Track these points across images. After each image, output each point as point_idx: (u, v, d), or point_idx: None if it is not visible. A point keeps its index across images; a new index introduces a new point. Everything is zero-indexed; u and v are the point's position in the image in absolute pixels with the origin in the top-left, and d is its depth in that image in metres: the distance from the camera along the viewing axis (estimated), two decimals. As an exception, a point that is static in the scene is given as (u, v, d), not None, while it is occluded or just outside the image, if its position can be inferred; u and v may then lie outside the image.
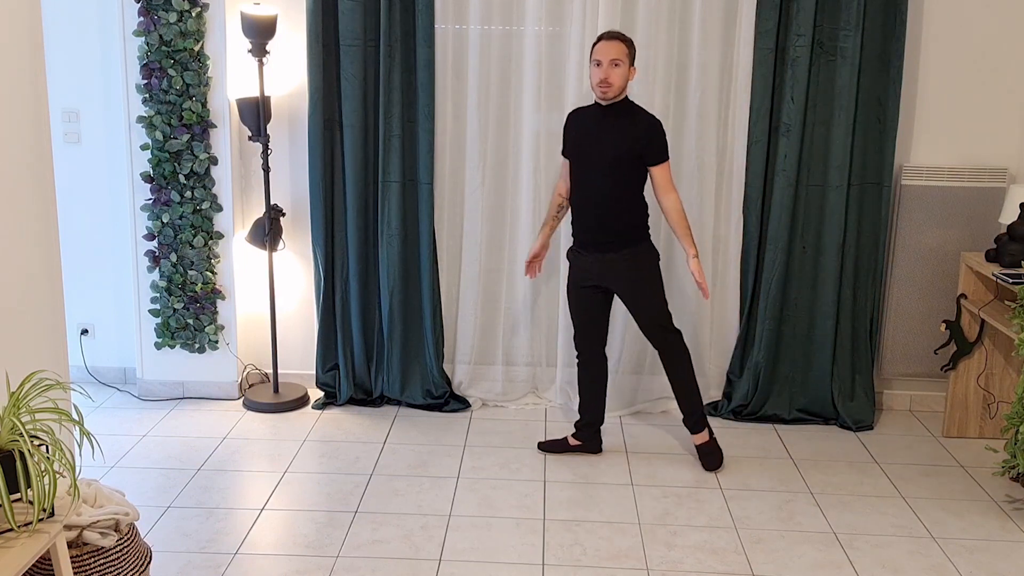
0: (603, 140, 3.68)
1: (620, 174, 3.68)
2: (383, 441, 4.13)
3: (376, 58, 4.19)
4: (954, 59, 4.25)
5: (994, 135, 4.31)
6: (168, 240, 4.37)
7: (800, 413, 4.39)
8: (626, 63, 3.61)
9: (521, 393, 4.59)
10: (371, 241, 4.38)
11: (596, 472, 3.86)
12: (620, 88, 3.63)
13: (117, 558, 2.56)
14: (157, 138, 4.27)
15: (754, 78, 4.15)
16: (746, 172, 4.24)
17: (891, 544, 3.35)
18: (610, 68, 3.58)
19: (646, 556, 3.22)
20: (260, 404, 4.44)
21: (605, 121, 3.69)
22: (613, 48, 3.59)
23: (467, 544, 3.29)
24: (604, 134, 3.69)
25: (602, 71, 3.59)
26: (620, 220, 3.71)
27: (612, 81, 3.59)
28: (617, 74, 3.59)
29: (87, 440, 2.44)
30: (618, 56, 3.59)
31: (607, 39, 3.63)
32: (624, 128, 3.66)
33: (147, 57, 4.21)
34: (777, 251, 4.23)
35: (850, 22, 4.04)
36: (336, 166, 4.32)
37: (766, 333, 4.30)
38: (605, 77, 3.59)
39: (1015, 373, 4.13)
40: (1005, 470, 3.67)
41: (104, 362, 4.74)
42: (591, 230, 3.76)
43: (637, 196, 3.74)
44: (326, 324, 4.43)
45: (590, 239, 3.77)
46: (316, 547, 3.25)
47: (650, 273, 3.79)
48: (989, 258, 4.00)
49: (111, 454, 3.94)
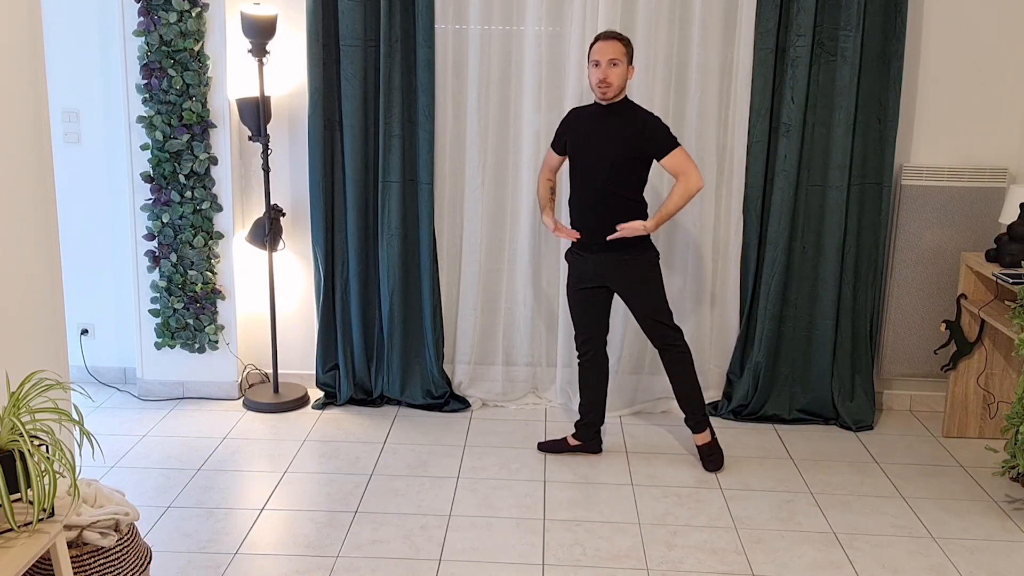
0: (603, 140, 3.68)
1: (620, 174, 3.68)
2: (383, 441, 4.13)
3: (376, 58, 4.19)
4: (954, 59, 4.25)
5: (994, 135, 4.31)
6: (168, 240, 4.38)
7: (800, 413, 4.39)
8: (624, 62, 3.61)
9: (521, 393, 4.59)
10: (371, 241, 4.38)
11: (596, 472, 3.86)
12: (619, 88, 3.63)
13: (117, 558, 2.56)
14: (157, 138, 4.27)
15: (754, 78, 4.15)
16: (746, 172, 4.24)
17: (891, 544, 3.35)
18: (608, 68, 3.58)
19: (646, 556, 3.22)
20: (260, 404, 4.44)
21: (605, 121, 3.69)
22: (611, 48, 3.59)
23: (467, 544, 3.29)
24: (604, 134, 3.68)
25: (600, 71, 3.59)
26: (620, 220, 3.70)
27: (611, 81, 3.59)
28: (615, 74, 3.59)
29: (87, 440, 2.44)
30: (616, 56, 3.59)
31: (604, 39, 3.63)
32: (623, 128, 3.66)
33: (147, 57, 4.21)
34: (777, 251, 4.23)
35: (850, 22, 4.04)
36: (336, 166, 4.32)
37: (766, 333, 4.30)
38: (604, 77, 3.59)
39: (1015, 373, 4.13)
40: (1005, 470, 3.67)
41: (104, 362, 4.74)
42: (591, 231, 3.75)
43: (637, 196, 3.73)
44: (326, 324, 4.43)
45: (590, 240, 3.77)
46: (316, 547, 3.25)
47: (650, 272, 3.79)
48: (989, 258, 4.00)
49: (111, 454, 3.94)
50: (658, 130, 3.66)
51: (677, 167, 3.66)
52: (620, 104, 3.68)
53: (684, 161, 3.66)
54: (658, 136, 3.65)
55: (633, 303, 3.81)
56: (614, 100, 3.65)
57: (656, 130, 3.66)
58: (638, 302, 3.80)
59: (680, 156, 3.66)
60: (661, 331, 3.82)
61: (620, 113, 3.68)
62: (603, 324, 3.95)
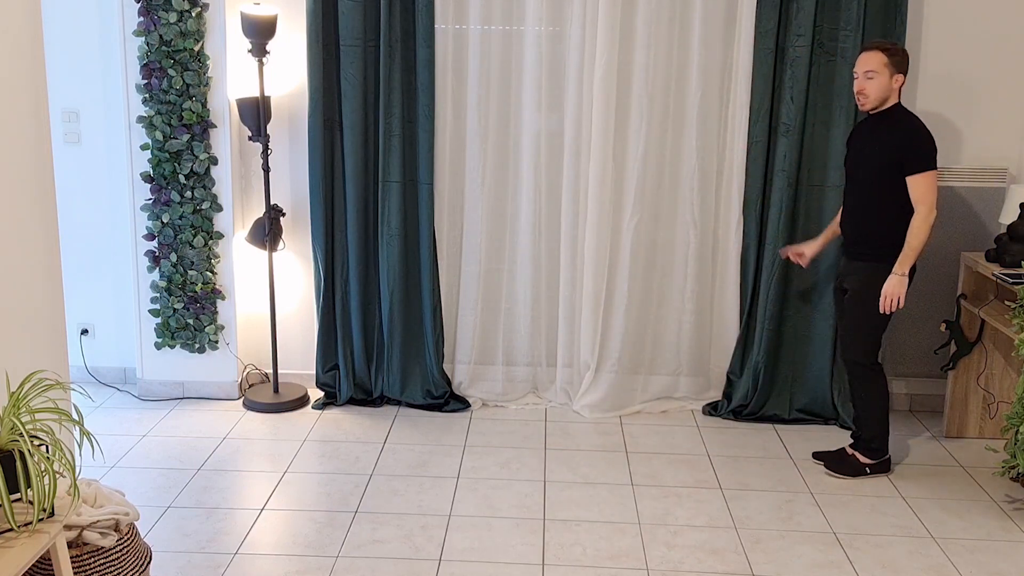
0: (862, 149, 3.68)
1: (871, 184, 3.64)
2: (383, 441, 4.13)
3: (376, 58, 4.19)
4: (954, 59, 4.25)
5: (994, 135, 4.31)
6: (168, 240, 4.37)
7: (800, 413, 4.39)
8: (885, 73, 3.55)
9: (521, 393, 4.59)
10: (371, 241, 4.37)
11: (596, 472, 3.86)
12: (878, 99, 3.59)
13: (117, 558, 2.56)
14: (157, 138, 4.27)
15: (754, 78, 4.15)
16: (746, 172, 4.24)
17: (891, 544, 3.35)
18: (864, 80, 3.59)
19: (646, 556, 3.22)
20: (260, 404, 4.44)
21: (869, 130, 3.69)
22: (868, 59, 3.58)
23: (467, 544, 3.29)
24: (864, 143, 3.68)
25: (857, 83, 3.62)
26: (866, 230, 3.68)
27: (868, 93, 3.59)
28: (872, 86, 3.58)
29: (87, 440, 2.44)
30: (872, 67, 3.56)
31: (865, 50, 3.61)
32: (882, 137, 3.62)
33: (147, 57, 4.21)
34: (777, 252, 4.23)
35: (850, 22, 4.04)
36: (336, 166, 4.32)
37: (766, 333, 4.30)
38: (860, 89, 3.61)
39: (1015, 373, 4.13)
40: (1005, 470, 3.67)
41: (104, 362, 4.74)
42: (846, 234, 3.79)
43: (888, 210, 3.62)
44: (326, 324, 4.43)
45: (846, 241, 3.81)
46: (316, 547, 3.25)
47: (871, 298, 3.67)
48: (989, 258, 4.00)
49: (111, 454, 3.94)
50: (915, 146, 3.54)
51: (913, 193, 3.54)
52: (887, 112, 3.63)
53: (922, 192, 3.52)
54: (914, 152, 3.53)
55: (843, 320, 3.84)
56: (881, 109, 3.63)
57: (914, 145, 3.54)
58: (844, 322, 3.83)
59: (920, 184, 3.52)
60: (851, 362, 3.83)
61: (884, 121, 3.63)
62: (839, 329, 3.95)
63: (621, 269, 4.36)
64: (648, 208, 4.33)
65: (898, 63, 3.57)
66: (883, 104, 3.62)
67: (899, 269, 3.59)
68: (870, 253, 3.69)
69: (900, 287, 3.59)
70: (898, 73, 3.58)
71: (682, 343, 4.47)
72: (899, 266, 3.59)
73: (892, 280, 3.60)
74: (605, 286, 4.37)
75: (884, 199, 3.62)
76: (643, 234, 4.35)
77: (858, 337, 3.76)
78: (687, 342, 4.47)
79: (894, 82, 3.58)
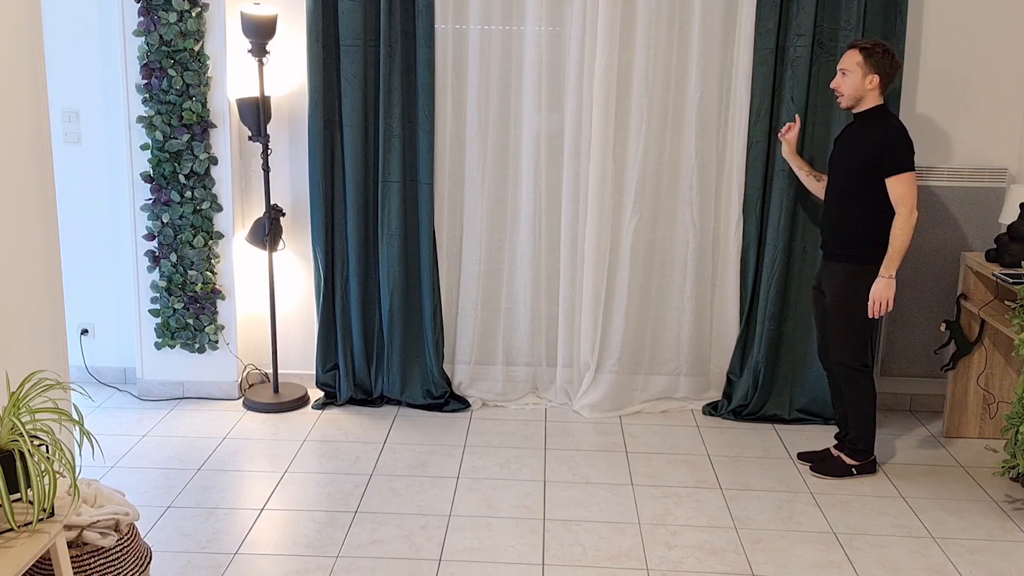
0: (841, 148, 3.69)
1: (848, 184, 3.63)
2: (383, 441, 4.13)
3: (376, 58, 4.19)
4: (954, 59, 4.25)
5: (994, 135, 4.31)
6: (168, 240, 4.37)
7: (800, 413, 4.39)
8: (858, 72, 3.55)
9: (521, 393, 4.59)
10: (371, 241, 4.37)
11: (596, 472, 3.86)
12: (851, 97, 3.59)
13: (117, 558, 2.56)
14: (157, 138, 4.27)
15: (754, 78, 4.15)
16: (746, 172, 4.24)
17: (891, 544, 3.35)
18: (839, 77, 3.61)
19: (646, 556, 3.22)
20: (260, 404, 4.44)
21: (851, 131, 3.69)
22: (845, 57, 3.60)
23: (467, 544, 3.29)
24: (845, 143, 3.69)
25: (834, 80, 3.64)
26: (841, 231, 3.67)
27: (841, 91, 3.61)
28: (845, 84, 3.59)
29: (87, 440, 2.44)
30: (846, 66, 3.58)
31: (848, 47, 3.62)
32: (860, 138, 3.61)
33: (147, 57, 4.21)
34: (776, 252, 4.23)
35: (850, 22, 4.04)
36: (336, 166, 4.32)
37: (766, 333, 4.30)
38: (834, 86, 3.63)
39: (1015, 373, 4.13)
40: (1005, 470, 3.67)
41: (104, 362, 4.74)
42: (822, 233, 3.80)
43: (864, 211, 3.60)
44: (326, 324, 4.43)
45: (822, 241, 3.82)
46: (316, 547, 3.25)
47: (853, 301, 3.67)
48: (989, 258, 4.00)
49: (111, 454, 3.94)
50: (893, 146, 3.51)
51: (892, 194, 3.52)
52: (867, 113, 3.62)
53: (901, 192, 3.49)
54: (890, 153, 3.51)
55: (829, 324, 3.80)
56: (861, 109, 3.62)
57: (891, 146, 3.52)
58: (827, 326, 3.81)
59: (900, 185, 3.50)
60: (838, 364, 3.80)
61: (863, 122, 3.63)
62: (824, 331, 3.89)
63: (621, 269, 4.36)
64: (648, 208, 4.33)
65: (875, 64, 3.53)
66: (860, 104, 3.62)
67: (886, 272, 3.56)
68: (844, 254, 3.68)
69: (888, 290, 3.57)
70: (873, 74, 3.54)
71: (682, 343, 4.47)
72: (885, 269, 3.56)
73: (879, 284, 3.58)
74: (605, 286, 4.37)
75: (859, 199, 3.61)
76: (643, 234, 4.35)
77: (844, 340, 3.74)
78: (687, 342, 4.47)
79: (868, 82, 3.55)
